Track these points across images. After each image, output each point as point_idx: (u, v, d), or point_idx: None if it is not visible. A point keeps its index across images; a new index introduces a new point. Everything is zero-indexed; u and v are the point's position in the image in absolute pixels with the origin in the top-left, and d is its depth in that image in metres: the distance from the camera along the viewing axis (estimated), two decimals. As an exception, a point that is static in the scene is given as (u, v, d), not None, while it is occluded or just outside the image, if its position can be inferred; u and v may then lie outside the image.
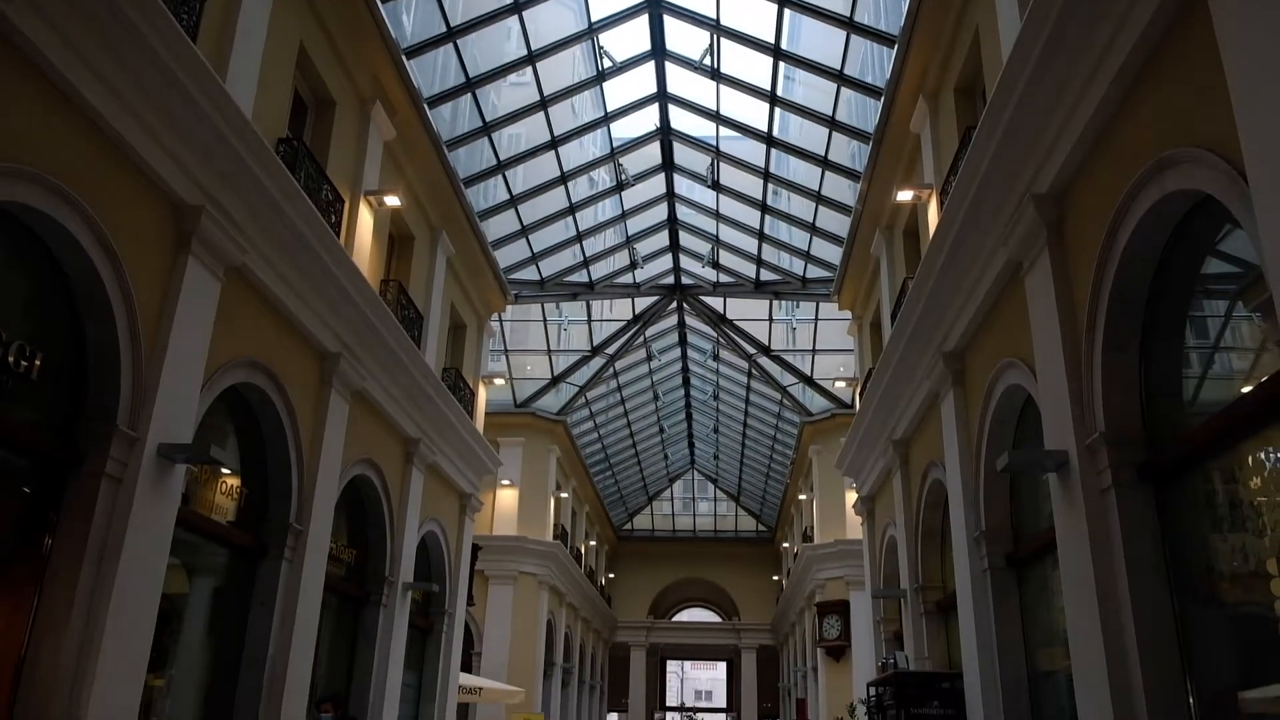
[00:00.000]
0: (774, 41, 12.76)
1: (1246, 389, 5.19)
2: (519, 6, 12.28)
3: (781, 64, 13.19)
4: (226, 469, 8.91)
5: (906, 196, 11.05)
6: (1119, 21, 5.61)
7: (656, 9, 13.40)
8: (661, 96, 15.25)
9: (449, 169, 13.17)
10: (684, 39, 14.23)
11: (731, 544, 35.95)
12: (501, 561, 21.95)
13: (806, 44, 15.12)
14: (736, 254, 19.01)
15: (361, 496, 11.84)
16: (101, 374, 6.71)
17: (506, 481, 22.73)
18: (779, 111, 14.23)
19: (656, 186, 18.26)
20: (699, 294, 20.96)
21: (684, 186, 18.37)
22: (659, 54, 14.29)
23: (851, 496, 17.38)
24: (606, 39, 13.73)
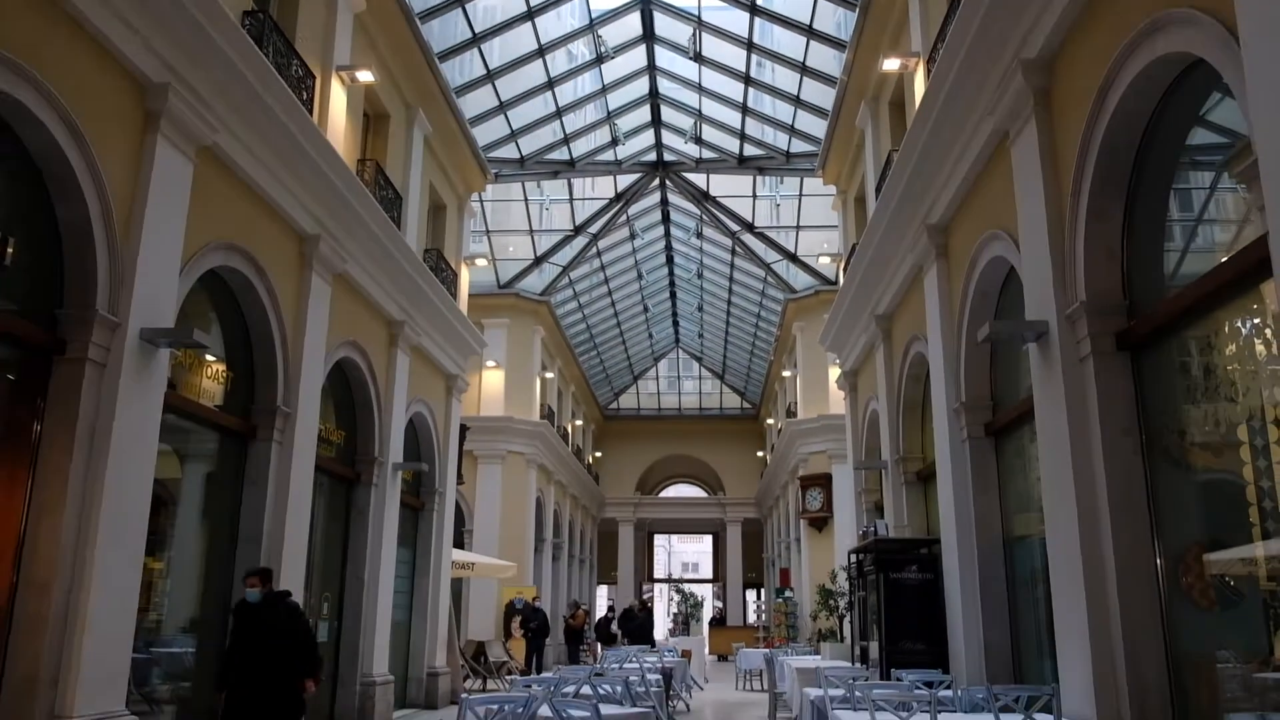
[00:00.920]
0: (758, -98, 12.27)
1: (1225, 259, 5.22)
2: None
3: (766, -74, 12.71)
4: (211, 354, 8.91)
5: (893, 66, 10.79)
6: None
7: None
8: (641, -38, 14.75)
9: (422, 42, 12.75)
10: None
11: (716, 421, 36.52)
12: (490, 442, 22.27)
13: (792, -96, 14.51)
14: (720, 129, 18.68)
15: (348, 379, 11.93)
16: (77, 258, 6.63)
17: (492, 363, 22.85)
18: (763, -23, 13.80)
19: (637, 59, 17.79)
20: (682, 170, 20.68)
21: (665, 59, 17.88)
22: (638, -84, 13.74)
23: (834, 372, 17.57)
24: (583, -100, 13.18)
